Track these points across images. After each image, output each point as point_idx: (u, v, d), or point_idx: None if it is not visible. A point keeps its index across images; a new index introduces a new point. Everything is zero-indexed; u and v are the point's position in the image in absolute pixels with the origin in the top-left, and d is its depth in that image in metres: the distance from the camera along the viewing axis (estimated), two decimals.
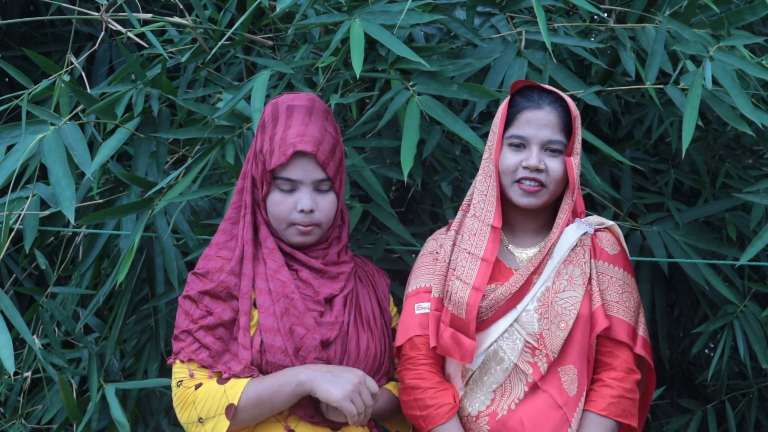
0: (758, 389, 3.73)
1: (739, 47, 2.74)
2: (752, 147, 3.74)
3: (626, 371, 2.42)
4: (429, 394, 2.40)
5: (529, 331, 2.38)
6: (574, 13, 3.25)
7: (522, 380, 2.38)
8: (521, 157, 2.40)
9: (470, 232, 2.43)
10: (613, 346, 2.43)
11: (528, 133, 2.40)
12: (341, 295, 2.42)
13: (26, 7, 4.56)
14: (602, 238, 2.48)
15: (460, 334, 2.38)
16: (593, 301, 2.41)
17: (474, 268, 2.39)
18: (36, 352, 2.76)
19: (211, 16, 3.15)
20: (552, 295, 2.39)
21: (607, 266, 2.45)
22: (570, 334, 2.38)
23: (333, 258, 2.45)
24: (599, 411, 2.39)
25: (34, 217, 2.82)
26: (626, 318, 2.43)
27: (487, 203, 2.43)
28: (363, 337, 2.43)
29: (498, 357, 2.39)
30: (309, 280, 2.40)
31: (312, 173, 2.36)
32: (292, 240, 2.40)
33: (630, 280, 2.49)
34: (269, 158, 2.36)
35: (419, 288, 2.47)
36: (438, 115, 2.66)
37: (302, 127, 2.36)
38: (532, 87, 2.45)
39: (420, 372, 2.43)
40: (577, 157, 2.43)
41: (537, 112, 2.40)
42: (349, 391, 2.27)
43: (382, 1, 2.74)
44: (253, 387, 2.30)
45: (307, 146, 2.34)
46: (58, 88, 2.79)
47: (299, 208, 2.36)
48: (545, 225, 2.49)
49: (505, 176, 2.42)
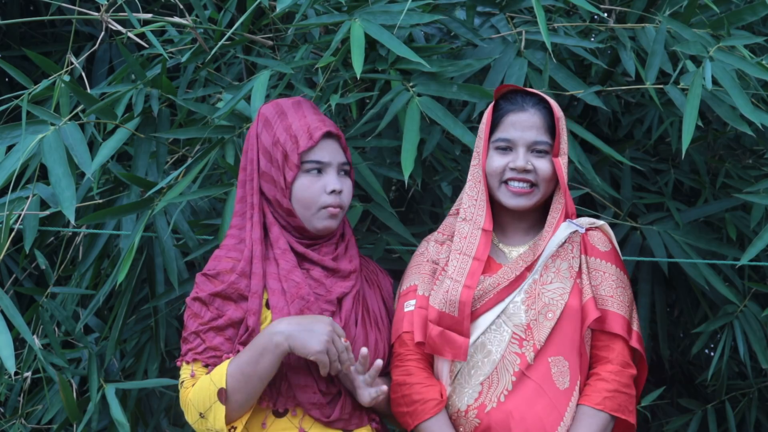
0: (758, 389, 3.73)
1: (739, 47, 2.74)
2: (752, 147, 3.74)
3: (622, 364, 2.42)
4: (415, 390, 2.41)
5: (516, 322, 2.40)
6: (574, 13, 3.25)
7: (509, 371, 2.38)
8: (508, 159, 2.44)
9: (461, 235, 2.45)
10: (609, 339, 2.44)
11: (513, 136, 2.44)
12: (351, 295, 2.43)
13: (26, 7, 4.56)
14: (593, 237, 2.50)
15: (451, 332, 2.39)
16: (583, 294, 2.43)
17: (465, 267, 2.41)
18: (36, 352, 2.76)
19: (211, 16, 3.15)
20: (539, 287, 2.42)
21: (599, 262, 2.48)
22: (558, 325, 2.39)
23: (342, 252, 2.46)
24: (594, 405, 2.38)
25: (34, 217, 2.82)
26: (621, 311, 2.44)
27: (478, 207, 2.46)
28: (371, 336, 2.44)
29: (485, 349, 2.40)
30: (321, 279, 2.40)
31: (337, 155, 2.42)
32: (318, 225, 2.40)
33: (623, 276, 2.50)
34: (293, 144, 2.38)
35: (409, 287, 2.50)
36: (438, 117, 2.66)
37: (318, 115, 2.44)
38: (515, 91, 2.49)
39: (407, 368, 2.43)
40: (565, 157, 2.46)
41: (521, 114, 2.44)
42: (324, 342, 2.26)
43: (382, 1, 2.74)
44: (235, 364, 2.29)
45: (332, 128, 2.42)
46: (58, 88, 2.79)
47: (330, 189, 2.39)
48: (535, 225, 2.51)
49: (492, 179, 2.45)
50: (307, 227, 2.41)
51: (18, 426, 3.23)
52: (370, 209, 2.93)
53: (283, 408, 2.36)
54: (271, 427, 2.36)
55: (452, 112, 2.70)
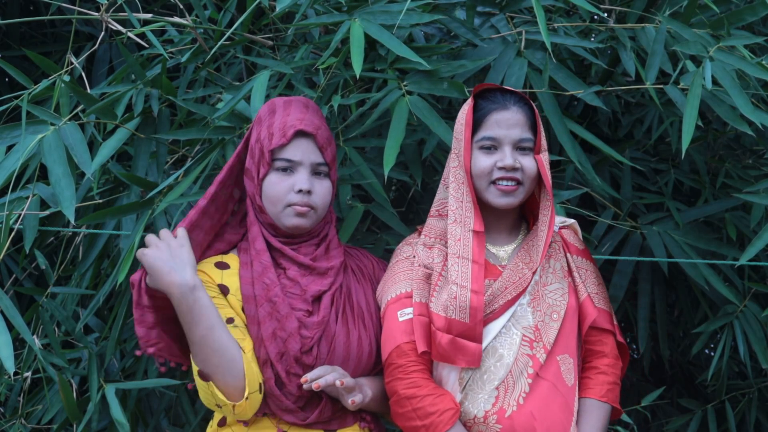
0: (758, 389, 3.73)
1: (739, 47, 2.74)
2: (752, 147, 3.74)
3: (615, 357, 2.52)
4: (428, 402, 2.37)
5: (524, 324, 2.42)
6: (574, 13, 3.25)
7: (524, 373, 2.39)
8: (494, 158, 2.43)
9: (455, 238, 2.44)
10: (600, 334, 2.51)
11: (499, 134, 2.43)
12: (329, 292, 2.42)
13: (26, 7, 4.56)
14: (569, 235, 2.58)
15: (462, 339, 2.37)
16: (579, 293, 2.49)
17: (467, 271, 2.40)
18: (36, 352, 2.76)
19: (211, 16, 3.15)
20: (541, 288, 2.45)
21: (580, 260, 2.55)
22: (562, 324, 2.44)
23: (322, 253, 2.46)
24: (599, 397, 2.46)
25: (34, 217, 2.82)
26: (606, 307, 2.53)
27: (465, 209, 2.45)
28: (353, 333, 2.42)
29: (497, 353, 2.40)
30: (296, 278, 2.40)
31: (311, 155, 2.41)
32: (287, 223, 2.40)
33: (599, 271, 2.60)
34: (268, 141, 2.40)
35: (400, 294, 2.46)
36: (424, 116, 2.65)
37: (302, 114, 2.43)
38: (491, 89, 2.48)
39: (414, 380, 2.39)
40: (545, 153, 2.47)
41: (504, 112, 2.43)
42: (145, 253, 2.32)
43: (382, 1, 2.74)
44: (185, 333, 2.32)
45: (308, 127, 2.40)
46: (58, 88, 2.79)
47: (297, 188, 2.38)
48: (515, 223, 2.54)
49: (480, 179, 2.44)
50: (278, 225, 2.42)
51: (18, 426, 3.23)
52: (371, 209, 2.93)
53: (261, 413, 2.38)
54: (252, 426, 2.38)
55: (452, 112, 2.70)
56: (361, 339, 2.43)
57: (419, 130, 2.90)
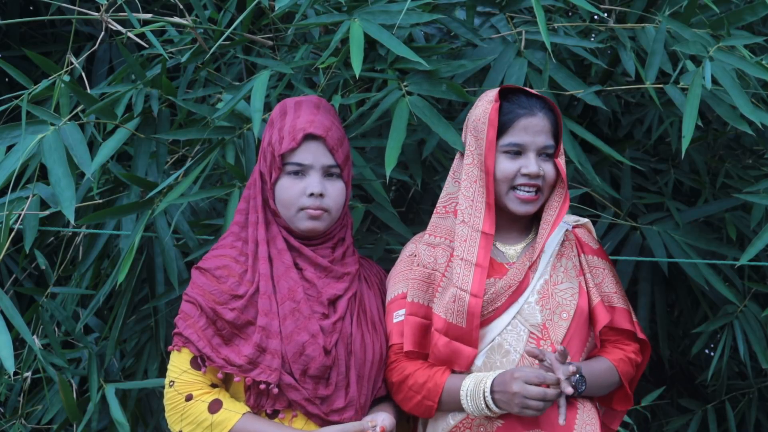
0: (758, 389, 3.74)
1: (738, 47, 2.74)
2: (752, 147, 3.75)
3: (635, 353, 2.52)
4: (418, 374, 2.40)
5: (532, 322, 2.41)
6: (574, 13, 3.25)
7: None
8: (518, 164, 2.42)
9: (461, 239, 2.43)
10: (618, 333, 2.51)
11: (525, 140, 2.43)
12: (345, 297, 2.42)
13: (26, 7, 4.56)
14: (583, 234, 2.57)
15: (458, 342, 2.38)
16: (591, 296, 2.47)
17: (469, 275, 2.39)
18: (36, 352, 2.77)
19: (211, 16, 3.15)
20: (551, 287, 2.44)
21: (596, 260, 2.53)
22: (570, 324, 2.42)
23: (339, 257, 2.45)
24: (612, 359, 2.45)
25: (34, 217, 2.82)
26: (625, 306, 2.52)
27: (475, 209, 2.44)
28: (367, 338, 2.43)
29: (503, 350, 2.40)
30: (313, 280, 2.40)
31: (321, 158, 2.40)
32: (301, 227, 2.40)
33: (615, 270, 2.59)
34: (279, 146, 2.39)
35: (396, 295, 2.49)
36: (425, 115, 2.65)
37: (311, 116, 2.41)
38: (515, 90, 2.47)
39: (401, 365, 2.42)
40: (563, 156, 2.47)
41: (532, 119, 2.43)
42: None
43: (381, 1, 2.74)
44: (242, 426, 2.31)
45: (318, 130, 2.39)
46: (58, 88, 2.79)
47: (309, 192, 2.37)
48: (529, 223, 2.53)
49: (502, 184, 2.43)
50: (293, 228, 2.42)
51: (18, 426, 3.23)
52: (372, 209, 2.93)
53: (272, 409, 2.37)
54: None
55: (453, 112, 2.70)
56: (374, 343, 2.44)
57: (419, 130, 2.90)
